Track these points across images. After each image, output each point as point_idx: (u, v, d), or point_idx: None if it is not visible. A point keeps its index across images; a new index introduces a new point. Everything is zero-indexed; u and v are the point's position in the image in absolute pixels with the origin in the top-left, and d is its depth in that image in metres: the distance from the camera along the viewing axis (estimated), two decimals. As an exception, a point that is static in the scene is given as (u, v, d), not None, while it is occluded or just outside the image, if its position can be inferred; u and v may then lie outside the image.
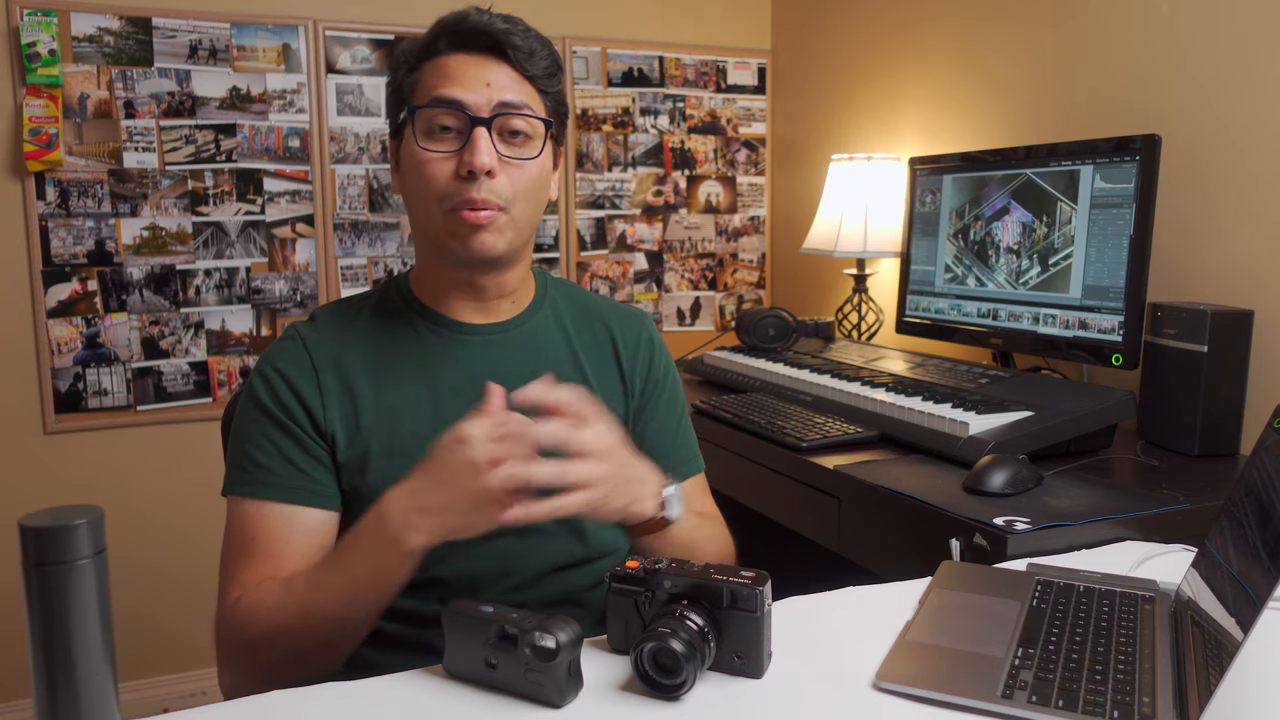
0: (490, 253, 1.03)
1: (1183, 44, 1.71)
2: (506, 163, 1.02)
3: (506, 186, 1.02)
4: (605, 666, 0.86)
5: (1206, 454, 1.52)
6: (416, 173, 1.03)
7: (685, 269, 2.93)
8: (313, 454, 1.02)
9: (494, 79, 1.01)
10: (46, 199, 2.26)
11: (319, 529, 1.01)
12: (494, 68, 1.02)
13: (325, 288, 2.52)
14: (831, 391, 1.80)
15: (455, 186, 1.00)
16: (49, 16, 2.21)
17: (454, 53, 1.03)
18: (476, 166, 0.99)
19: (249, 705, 0.82)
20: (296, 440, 1.02)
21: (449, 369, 1.08)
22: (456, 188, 1.00)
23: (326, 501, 1.02)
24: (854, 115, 2.62)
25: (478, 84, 1.01)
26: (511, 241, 1.05)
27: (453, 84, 1.01)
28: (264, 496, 1.00)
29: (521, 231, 1.06)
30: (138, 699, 2.41)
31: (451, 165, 1.01)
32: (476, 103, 1.00)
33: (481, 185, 1.00)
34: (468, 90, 1.01)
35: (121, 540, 2.33)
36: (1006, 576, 1.06)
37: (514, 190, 1.02)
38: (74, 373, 2.32)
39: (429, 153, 1.01)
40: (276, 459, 1.01)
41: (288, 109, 2.45)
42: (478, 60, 1.02)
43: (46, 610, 0.57)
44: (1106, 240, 1.64)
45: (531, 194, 1.05)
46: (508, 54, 1.02)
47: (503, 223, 1.02)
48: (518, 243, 1.06)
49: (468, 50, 1.02)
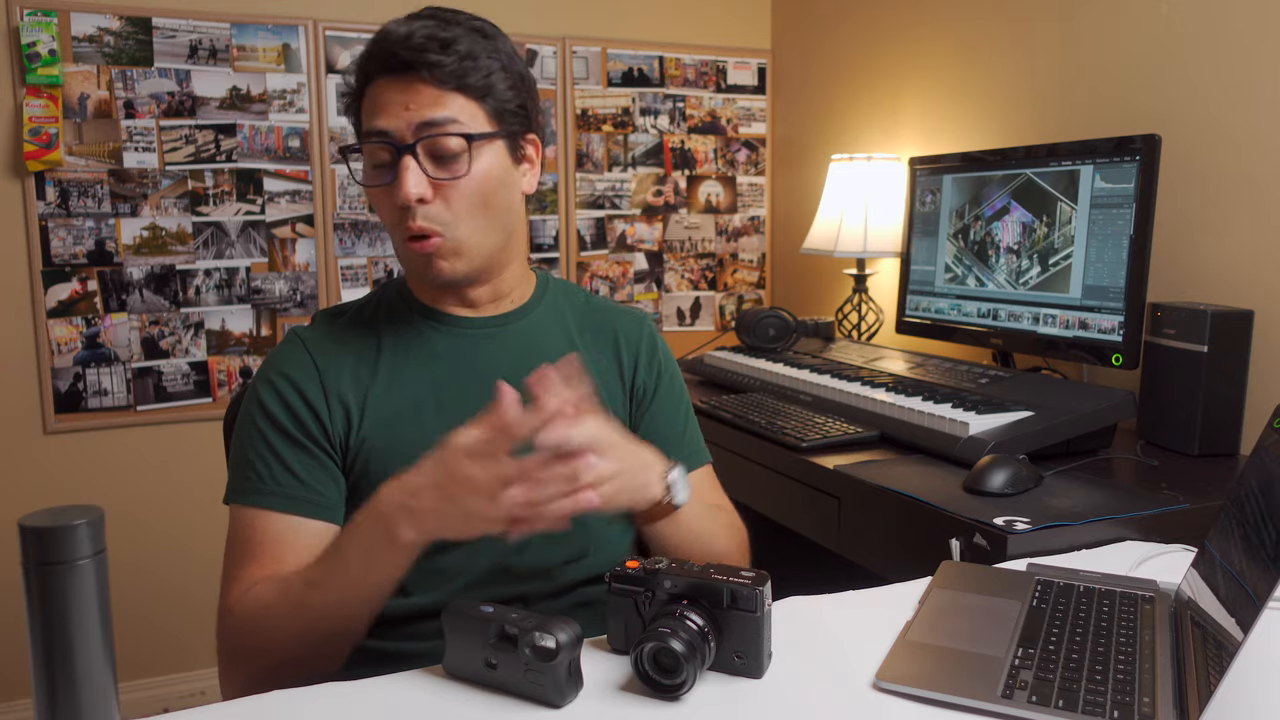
0: (448, 278, 1.03)
1: (1183, 44, 1.71)
2: (441, 185, 0.99)
3: (444, 210, 1.00)
4: (605, 666, 0.86)
5: (1206, 454, 1.52)
6: (375, 205, 1.05)
7: (685, 269, 2.93)
8: (317, 460, 1.02)
9: (415, 101, 0.98)
10: (46, 199, 2.26)
11: (319, 540, 1.01)
12: (414, 88, 0.98)
13: (325, 288, 2.52)
14: (831, 391, 1.80)
15: (399, 217, 1.00)
16: (49, 16, 2.21)
17: (380, 76, 1.00)
18: (402, 200, 0.98)
19: (249, 705, 0.82)
20: (300, 447, 1.02)
21: (451, 364, 1.08)
22: (400, 218, 1.00)
23: (327, 513, 1.02)
24: (854, 115, 2.62)
25: (399, 108, 0.98)
26: (470, 261, 1.03)
27: (379, 113, 0.99)
28: (265, 506, 1.00)
29: (477, 249, 1.03)
30: (138, 699, 2.41)
31: (392, 196, 1.00)
32: (399, 129, 0.98)
33: (417, 214, 0.99)
34: (391, 117, 0.98)
35: (121, 540, 2.33)
36: (1006, 576, 1.06)
37: (453, 212, 1.00)
38: (74, 373, 2.32)
39: (369, 188, 1.03)
40: (278, 468, 1.01)
41: (288, 109, 2.45)
42: (400, 83, 0.99)
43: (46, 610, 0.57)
44: (1106, 240, 1.64)
45: (476, 209, 1.01)
46: (431, 69, 0.98)
47: (450, 247, 1.01)
48: (477, 260, 1.04)
49: (392, 73, 1.00)
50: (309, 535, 1.00)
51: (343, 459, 1.04)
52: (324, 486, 1.02)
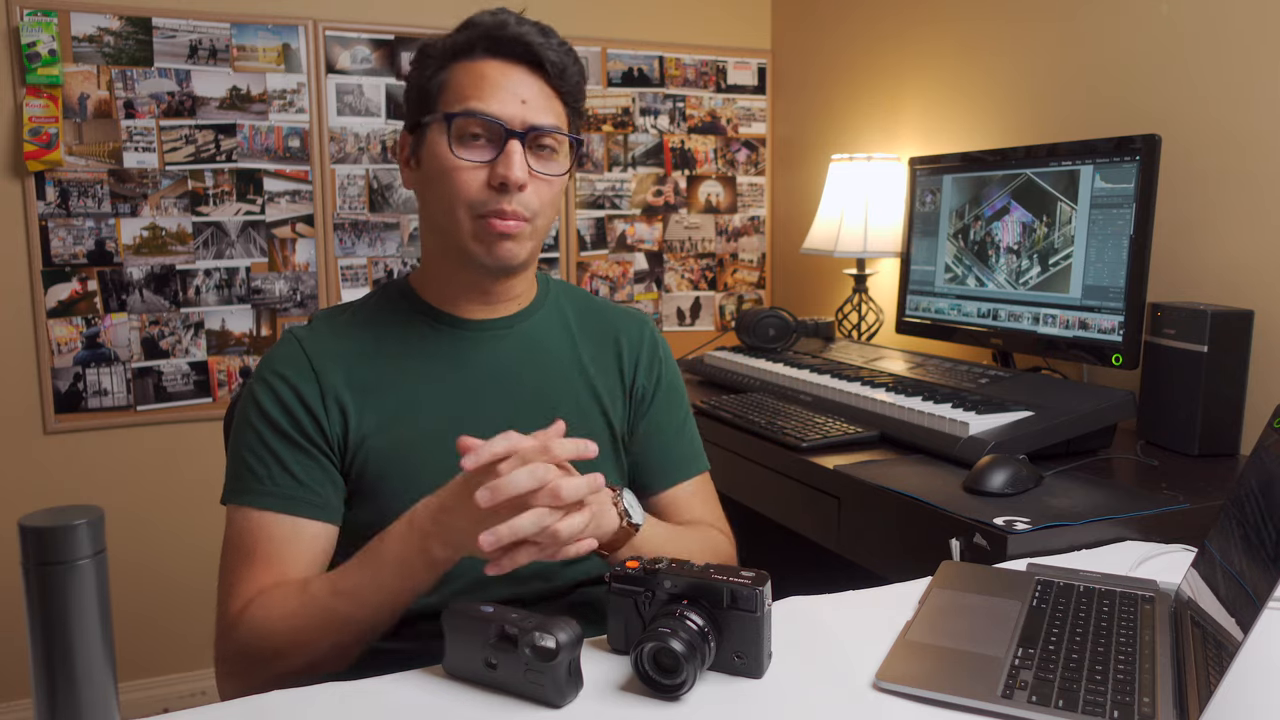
0: (513, 260, 1.05)
1: (1183, 44, 1.71)
2: (535, 177, 1.03)
3: (534, 199, 1.03)
4: (605, 666, 0.86)
5: (1206, 454, 1.52)
6: (445, 178, 1.02)
7: (685, 269, 2.93)
8: (314, 461, 1.02)
9: (528, 95, 1.02)
10: (46, 199, 2.26)
11: (317, 541, 1.01)
12: (528, 81, 1.03)
13: (325, 288, 2.52)
14: (831, 391, 1.80)
15: (487, 195, 1.01)
16: (49, 16, 2.21)
17: (489, 58, 1.02)
18: (511, 181, 1.00)
19: (249, 705, 0.82)
20: (298, 447, 1.02)
21: (453, 364, 1.08)
22: (488, 196, 1.01)
23: (324, 514, 1.02)
24: (854, 115, 2.62)
25: (513, 98, 1.01)
26: (532, 250, 1.07)
27: (488, 94, 1.01)
28: (262, 506, 1.00)
29: (541, 240, 1.08)
30: (138, 699, 2.41)
31: (483, 174, 1.01)
32: (512, 117, 1.01)
33: (513, 197, 1.01)
34: (504, 103, 1.01)
35: (121, 540, 2.33)
36: (1006, 576, 1.06)
37: (540, 203, 1.04)
38: (74, 373, 2.32)
39: (461, 160, 1.01)
40: (275, 468, 1.01)
41: (288, 109, 2.45)
42: (512, 70, 1.02)
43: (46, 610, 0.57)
44: (1106, 240, 1.64)
45: (553, 206, 1.07)
46: (543, 68, 1.02)
47: (527, 233, 1.04)
48: (536, 251, 1.09)
49: (503, 57, 1.02)
50: (307, 536, 1.00)
51: (341, 460, 1.03)
52: (321, 487, 1.02)
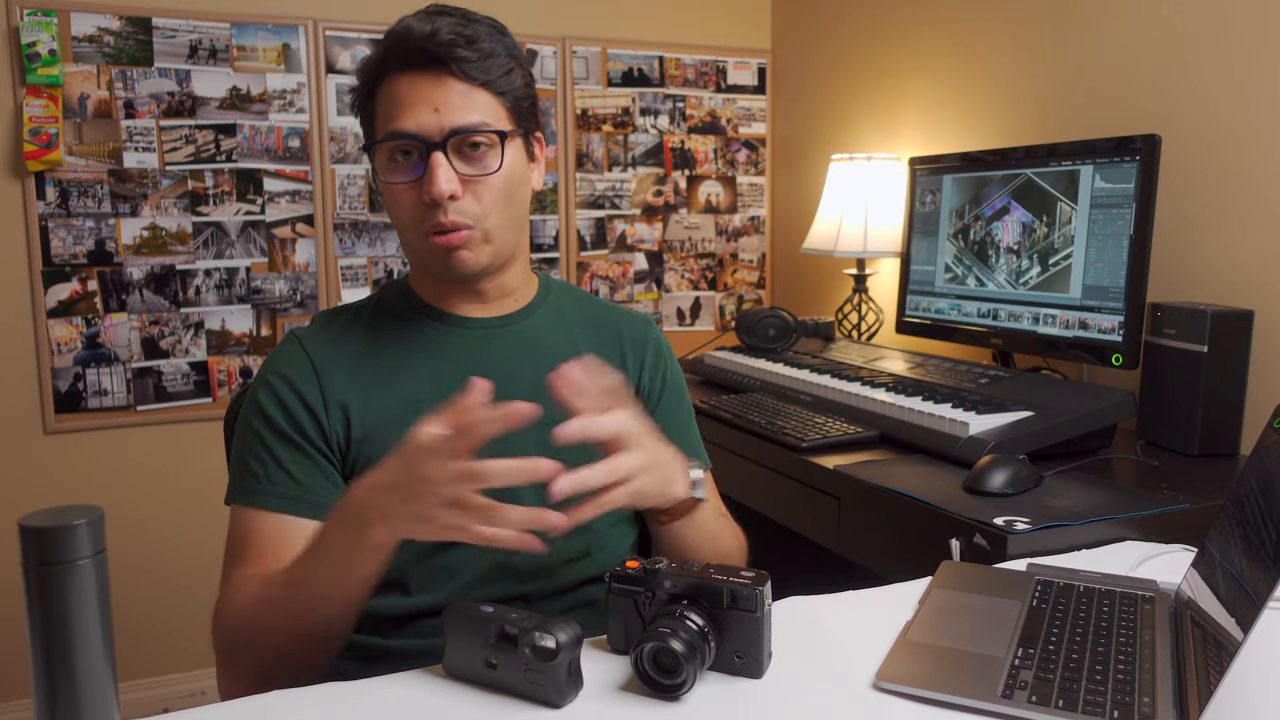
0: (472, 268, 1.03)
1: (1183, 44, 1.71)
2: (470, 181, 1.00)
3: (474, 204, 1.01)
4: (605, 666, 0.86)
5: (1206, 454, 1.52)
6: (388, 201, 1.04)
7: (685, 269, 2.93)
8: (314, 462, 1.02)
9: (442, 100, 0.98)
10: (46, 199, 2.26)
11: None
12: (441, 86, 0.98)
13: (325, 288, 2.52)
14: (831, 391, 1.80)
15: (423, 213, 1.00)
16: (49, 16, 2.21)
17: (403, 72, 1.00)
18: (435, 196, 0.98)
19: (249, 705, 0.82)
20: (297, 448, 1.02)
21: (454, 364, 1.08)
22: (424, 214, 1.00)
23: (322, 514, 1.01)
24: (854, 115, 2.62)
25: (425, 108, 0.98)
26: (493, 253, 1.04)
27: (403, 112, 0.99)
28: (261, 506, 1.00)
29: (503, 240, 1.05)
30: (138, 699, 2.41)
31: (415, 192, 1.00)
32: (428, 129, 0.98)
33: (448, 209, 0.99)
34: (417, 116, 0.98)
35: (121, 540, 2.33)
36: (1006, 576, 1.06)
37: (483, 206, 1.01)
38: (74, 373, 2.32)
39: (393, 184, 1.02)
40: (275, 468, 1.01)
41: (288, 109, 2.45)
42: (422, 79, 0.99)
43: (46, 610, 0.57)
44: (1106, 240, 1.64)
45: (503, 202, 1.03)
46: (455, 68, 0.98)
47: (478, 238, 1.02)
48: (502, 252, 1.06)
49: (415, 68, 0.99)
50: (305, 536, 1.00)
51: (342, 460, 1.03)
52: (321, 487, 1.02)
